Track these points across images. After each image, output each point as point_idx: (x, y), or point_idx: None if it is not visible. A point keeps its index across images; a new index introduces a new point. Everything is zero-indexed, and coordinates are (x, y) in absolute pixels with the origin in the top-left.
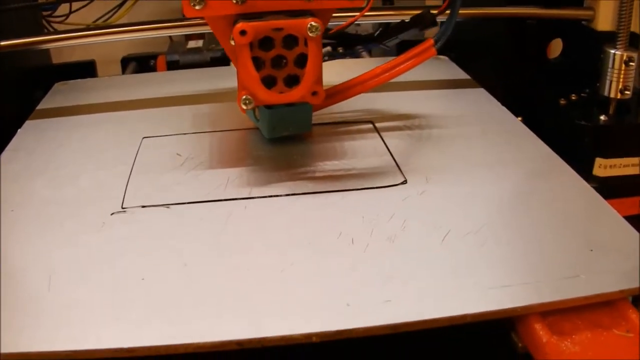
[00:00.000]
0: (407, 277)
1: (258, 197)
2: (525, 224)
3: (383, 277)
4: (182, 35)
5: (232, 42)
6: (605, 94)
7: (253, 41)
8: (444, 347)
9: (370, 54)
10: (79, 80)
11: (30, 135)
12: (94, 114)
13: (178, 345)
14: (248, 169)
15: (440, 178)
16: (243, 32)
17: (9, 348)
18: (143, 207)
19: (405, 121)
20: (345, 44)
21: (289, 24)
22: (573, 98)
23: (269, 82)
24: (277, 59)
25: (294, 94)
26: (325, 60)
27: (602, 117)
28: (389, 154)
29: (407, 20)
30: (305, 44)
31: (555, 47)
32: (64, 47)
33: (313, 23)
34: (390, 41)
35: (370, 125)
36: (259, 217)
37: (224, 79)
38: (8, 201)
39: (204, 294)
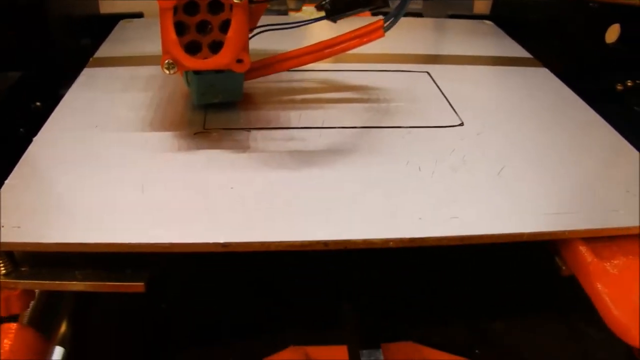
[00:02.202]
0: (470, 200)
1: (330, 127)
2: (574, 168)
3: (449, 198)
4: None
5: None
6: None
7: (177, 5)
8: (487, 266)
9: None
10: (142, 19)
11: (101, 65)
12: None
13: (270, 242)
14: (320, 105)
15: (495, 125)
16: None
17: (113, 239)
18: (225, 129)
19: (463, 84)
20: None
21: None
22: (629, 84)
23: (194, 48)
24: (202, 24)
25: (217, 61)
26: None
27: None
28: (445, 100)
29: None
30: (231, 9)
31: (612, 32)
32: None
33: None
34: (339, 17)
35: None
36: (333, 144)
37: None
38: (91, 119)
39: (292, 202)
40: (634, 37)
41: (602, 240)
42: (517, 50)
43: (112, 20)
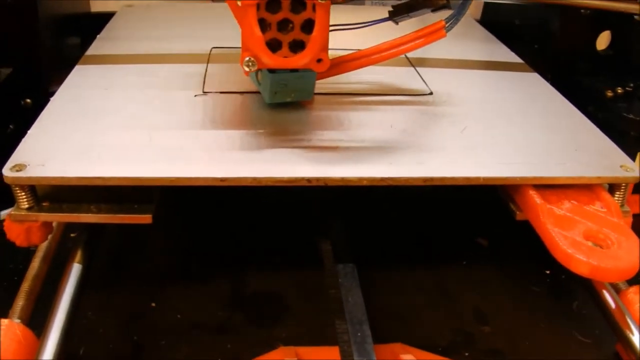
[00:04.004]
0: (435, 150)
1: (324, 94)
2: (529, 131)
3: (416, 148)
4: None
5: (239, 3)
6: None
7: (260, 2)
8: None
9: None
10: (143, 2)
11: (105, 45)
12: (167, 30)
13: (261, 178)
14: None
15: (462, 96)
16: None
17: (117, 173)
18: (222, 92)
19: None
20: None
21: None
22: (619, 91)
23: (273, 46)
24: (284, 23)
25: (299, 60)
26: None
27: None
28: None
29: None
30: (313, 9)
31: (603, 39)
32: None
33: None
34: (401, 18)
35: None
36: (326, 105)
37: None
38: (100, 82)
39: (280, 149)
40: (625, 44)
41: (551, 188)
42: (508, 56)
43: (103, 18)
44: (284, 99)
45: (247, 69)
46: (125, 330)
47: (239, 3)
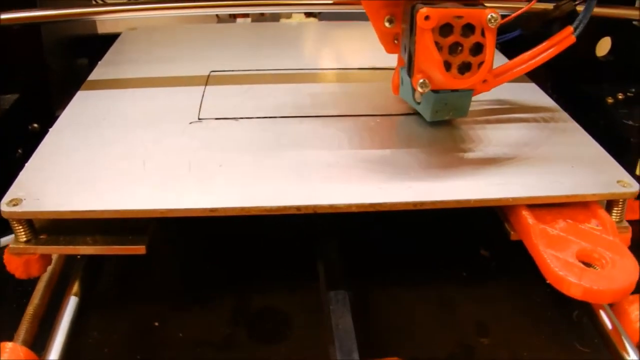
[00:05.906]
0: (425, 173)
1: (311, 116)
2: (525, 147)
3: (406, 169)
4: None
5: (387, 25)
6: None
7: (435, 27)
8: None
9: None
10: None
11: (107, 70)
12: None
13: (251, 207)
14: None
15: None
16: (427, 17)
17: (110, 206)
18: (217, 119)
19: None
20: None
21: (469, 13)
22: (620, 97)
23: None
24: (454, 46)
25: (469, 80)
26: None
27: None
28: None
29: (549, 10)
30: (482, 34)
31: (603, 45)
32: (110, 19)
33: (493, 14)
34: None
35: None
36: (310, 129)
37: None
38: (99, 111)
39: (270, 176)
40: (625, 50)
41: (546, 207)
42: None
43: (111, 39)
44: (443, 117)
45: (420, 89)
46: (129, 349)
47: (387, 24)
